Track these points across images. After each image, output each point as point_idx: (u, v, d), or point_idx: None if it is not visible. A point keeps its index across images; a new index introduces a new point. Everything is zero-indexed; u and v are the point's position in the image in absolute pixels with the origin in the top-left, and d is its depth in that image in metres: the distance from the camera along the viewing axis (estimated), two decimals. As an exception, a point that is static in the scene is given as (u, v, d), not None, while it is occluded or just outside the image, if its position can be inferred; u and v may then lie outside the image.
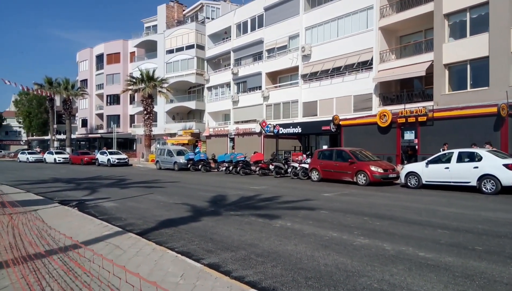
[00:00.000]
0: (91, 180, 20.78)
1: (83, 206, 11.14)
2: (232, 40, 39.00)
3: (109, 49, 54.99)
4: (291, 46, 32.83)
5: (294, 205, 11.05)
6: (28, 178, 22.33)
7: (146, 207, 10.94)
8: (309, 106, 30.83)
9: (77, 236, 6.83)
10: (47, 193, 14.46)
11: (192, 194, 13.80)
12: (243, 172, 22.83)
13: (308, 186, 16.26)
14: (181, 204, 11.35)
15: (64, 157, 41.91)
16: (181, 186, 16.89)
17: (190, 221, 8.68)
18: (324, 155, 18.34)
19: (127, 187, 16.62)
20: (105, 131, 54.27)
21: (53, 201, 11.81)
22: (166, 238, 7.12)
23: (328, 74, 29.30)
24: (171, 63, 45.30)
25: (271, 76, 35.35)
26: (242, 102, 37.68)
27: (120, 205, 11.36)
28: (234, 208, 10.49)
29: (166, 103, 45.55)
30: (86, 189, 15.85)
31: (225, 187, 16.38)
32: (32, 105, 70.67)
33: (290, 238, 6.94)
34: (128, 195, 13.59)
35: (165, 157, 29.87)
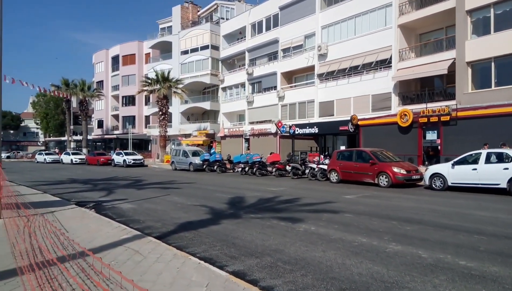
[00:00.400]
0: (108, 180, 20.72)
1: (100, 207, 10.96)
2: (247, 40, 38.74)
3: (124, 50, 55.38)
4: (307, 46, 32.38)
5: (315, 207, 10.65)
6: (45, 178, 22.42)
7: (163, 208, 10.69)
8: (325, 106, 30.33)
9: (94, 239, 6.59)
10: (64, 194, 14.38)
11: (209, 195, 13.52)
12: (259, 173, 22.50)
13: (328, 188, 15.82)
14: (199, 206, 11.07)
15: (81, 157, 42.26)
16: (198, 187, 16.65)
17: (209, 224, 8.37)
18: (343, 155, 17.87)
19: (144, 188, 16.46)
20: (121, 132, 54.65)
21: (70, 202, 11.67)
22: (186, 242, 6.83)
23: (345, 73, 28.77)
24: (186, 64, 45.27)
25: (286, 76, 34.95)
26: (257, 102, 37.37)
27: (137, 206, 11.14)
28: (254, 211, 10.16)
29: (181, 104, 45.57)
30: (103, 190, 15.73)
31: (242, 188, 16.07)
32: (49, 107, 71.77)
33: (316, 244, 6.56)
34: (145, 196, 13.39)
35: (180, 158, 29.75)
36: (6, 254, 5.49)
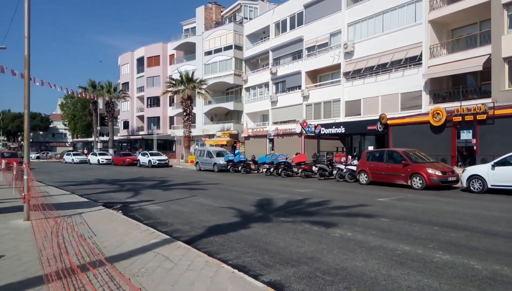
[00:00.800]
0: (134, 181, 20.79)
1: (128, 209, 10.84)
2: (271, 39, 38.37)
3: (149, 52, 56.03)
4: (333, 44, 31.70)
5: (348, 211, 10.17)
6: (73, 179, 22.74)
7: (191, 211, 10.45)
8: (352, 105, 29.59)
9: (123, 243, 6.37)
10: (91, 194, 14.41)
11: (236, 197, 13.23)
12: (284, 174, 22.08)
13: (358, 190, 15.25)
14: (226, 208, 10.78)
15: (107, 158, 42.98)
16: (223, 188, 16.40)
17: (239, 228, 8.05)
18: (373, 156, 17.22)
19: (170, 189, 16.35)
20: (146, 133, 55.32)
21: (97, 204, 11.62)
22: (216, 247, 6.52)
23: (373, 71, 27.97)
24: (209, 65, 45.32)
25: (311, 75, 34.37)
26: (280, 102, 36.93)
27: (164, 208, 10.96)
28: (283, 214, 9.77)
29: (205, 105, 45.69)
30: (129, 191, 15.71)
31: (269, 189, 15.70)
32: (76, 108, 73.57)
33: (355, 252, 6.12)
34: (171, 197, 13.23)
35: (204, 158, 29.68)
36: (33, 260, 5.32)
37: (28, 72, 8.36)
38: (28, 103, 8.40)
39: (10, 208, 10.21)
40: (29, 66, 8.38)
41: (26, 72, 8.35)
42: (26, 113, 8.42)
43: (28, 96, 8.41)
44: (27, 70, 8.35)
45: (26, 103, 8.38)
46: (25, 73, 8.36)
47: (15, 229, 7.44)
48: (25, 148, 8.58)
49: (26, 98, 8.39)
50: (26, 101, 8.38)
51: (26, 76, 8.37)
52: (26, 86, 8.38)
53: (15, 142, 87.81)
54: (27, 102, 8.39)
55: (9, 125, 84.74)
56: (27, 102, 8.39)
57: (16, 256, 5.51)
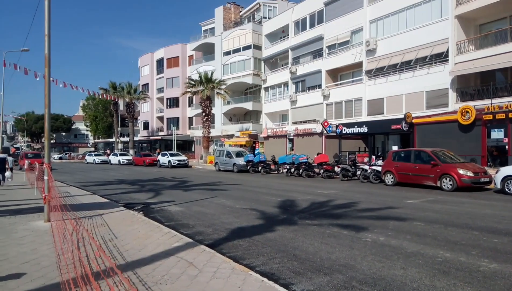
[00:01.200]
0: (154, 181, 20.72)
1: (148, 210, 10.63)
2: (290, 38, 37.88)
3: (168, 53, 56.33)
4: (354, 41, 31.00)
5: (377, 213, 9.67)
6: (94, 179, 22.86)
7: (213, 212, 10.16)
8: (374, 104, 28.84)
9: (144, 247, 6.11)
10: (112, 195, 14.33)
11: (258, 198, 12.87)
12: (305, 174, 21.60)
13: (384, 191, 14.66)
14: (249, 210, 10.44)
15: (128, 158, 43.37)
16: (244, 189, 16.07)
17: (264, 231, 7.69)
18: (400, 156, 16.57)
19: (190, 189, 16.13)
20: (165, 133, 55.64)
21: (118, 204, 11.47)
22: (242, 252, 6.18)
23: (396, 69, 27.16)
24: (228, 65, 45.17)
25: (331, 74, 33.73)
26: (300, 102, 36.41)
27: (185, 209, 10.71)
28: (308, 216, 9.36)
29: (223, 105, 45.56)
30: (150, 191, 15.57)
31: (291, 190, 15.29)
32: (98, 110, 74.83)
33: (392, 259, 5.67)
34: (192, 198, 12.98)
35: (224, 159, 29.47)
36: (51, 264, 5.09)
37: (48, 71, 8.23)
38: (48, 103, 8.27)
39: (31, 208, 10.15)
40: (49, 65, 8.24)
41: (47, 71, 8.22)
42: (46, 113, 8.29)
43: (49, 96, 8.27)
44: (48, 69, 8.22)
45: (46, 102, 8.25)
46: (45, 72, 8.23)
47: (35, 231, 7.29)
48: (46, 148, 8.45)
49: (46, 98, 8.26)
50: (47, 101, 8.25)
51: (47, 75, 8.24)
52: (47, 86, 8.25)
53: (38, 143, 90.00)
54: (48, 101, 8.26)
55: (33, 126, 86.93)
56: (48, 101, 8.26)
57: (35, 260, 5.30)
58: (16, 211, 9.83)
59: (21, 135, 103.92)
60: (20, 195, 13.77)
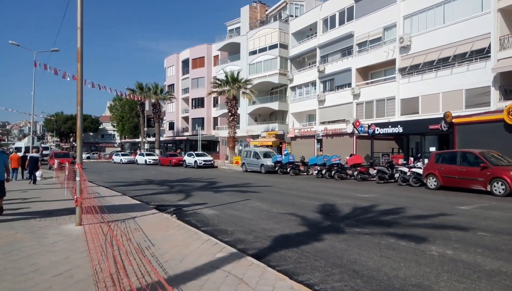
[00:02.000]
0: (182, 182, 20.32)
1: (182, 213, 10.11)
2: (318, 36, 36.95)
3: (194, 54, 56.33)
4: (386, 38, 29.82)
5: (431, 221, 8.78)
6: (122, 179, 22.70)
7: (249, 216, 9.52)
8: (408, 103, 27.60)
9: (185, 257, 5.51)
10: (142, 196, 13.94)
11: (294, 202, 12.16)
12: (338, 176, 20.71)
13: (429, 195, 13.66)
14: (287, 215, 9.75)
15: (154, 158, 43.45)
16: (277, 191, 15.39)
17: (311, 240, 6.98)
18: (444, 158, 15.47)
19: (220, 191, 15.58)
20: (190, 133, 55.66)
21: (149, 206, 11.01)
22: (292, 265, 5.50)
23: (433, 66, 25.87)
24: (254, 64, 44.60)
25: (361, 72, 32.61)
26: (328, 101, 35.44)
27: (220, 212, 10.12)
28: (355, 223, 8.58)
29: (249, 105, 45.02)
30: (179, 192, 15.11)
31: (327, 193, 14.50)
32: (124, 110, 75.83)
33: (472, 278, 4.85)
34: (224, 201, 12.40)
35: (251, 159, 28.87)
36: (87, 278, 4.55)
37: (80, 66, 7.79)
38: (81, 100, 7.83)
39: (62, 210, 9.79)
40: (82, 60, 7.80)
41: (79, 66, 7.78)
42: (79, 110, 7.85)
43: (81, 93, 7.83)
44: (80, 64, 7.78)
45: (79, 99, 7.81)
46: (78, 67, 7.79)
47: (67, 236, 6.84)
48: (78, 147, 8.02)
49: (79, 95, 7.83)
50: (79, 98, 7.81)
51: (79, 70, 7.79)
52: (79, 82, 7.81)
53: (67, 143, 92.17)
54: (80, 98, 7.82)
55: (62, 126, 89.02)
56: (80, 98, 7.82)
57: (68, 271, 4.79)
58: (46, 212, 9.49)
59: (50, 135, 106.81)
60: (50, 195, 13.56)
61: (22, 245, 6.10)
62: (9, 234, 6.92)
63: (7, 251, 5.73)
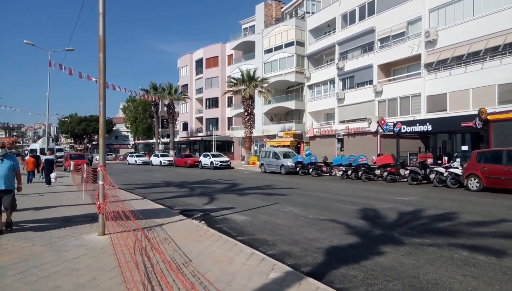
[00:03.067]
0: (202, 184, 19.49)
1: (210, 219, 9.23)
2: (337, 32, 35.82)
3: (208, 53, 55.66)
4: (411, 33, 28.59)
5: (497, 228, 7.73)
6: (140, 181, 22.00)
7: (286, 223, 8.59)
8: (435, 100, 26.34)
9: (233, 277, 4.61)
10: (164, 199, 13.13)
11: (329, 206, 11.19)
12: (365, 177, 19.62)
13: (475, 198, 12.53)
14: (328, 221, 8.79)
15: (169, 159, 42.81)
16: (306, 194, 14.42)
17: (369, 253, 6.02)
18: (487, 157, 14.29)
19: (245, 194, 14.67)
20: (205, 134, 54.98)
21: (174, 211, 10.18)
22: (363, 288, 4.54)
23: (462, 61, 24.59)
24: (270, 63, 43.64)
25: (383, 69, 31.42)
26: (348, 99, 34.29)
27: (252, 218, 9.22)
28: (410, 232, 7.58)
29: (264, 105, 44.06)
30: (202, 195, 14.26)
31: (361, 196, 13.48)
32: (138, 111, 75.60)
33: None
34: (253, 205, 11.49)
35: (270, 160, 27.91)
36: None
37: (103, 56, 6.96)
38: (103, 94, 7.00)
39: (82, 216, 9.01)
40: (105, 49, 6.97)
41: (101, 56, 6.94)
42: (101, 105, 7.02)
43: (103, 85, 7.01)
44: (102, 54, 6.95)
45: (101, 93, 6.98)
46: (100, 57, 6.96)
47: (90, 248, 6.00)
48: (101, 147, 7.20)
49: (101, 88, 7.00)
50: (101, 92, 6.99)
51: (101, 61, 6.96)
52: (101, 73, 6.98)
53: (81, 145, 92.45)
54: (103, 92, 6.99)
55: (76, 128, 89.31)
56: (103, 92, 6.99)
57: (98, 299, 3.92)
58: (64, 219, 8.70)
59: (65, 137, 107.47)
60: (67, 199, 12.84)
61: (41, 261, 5.27)
62: (25, 247, 6.12)
63: (24, 269, 4.90)
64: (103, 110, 7.02)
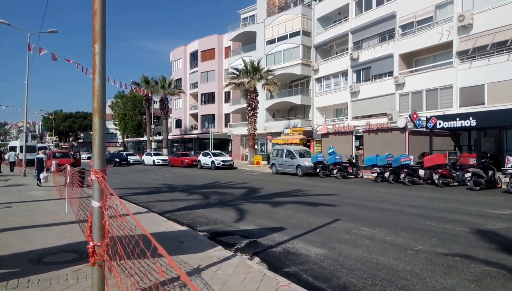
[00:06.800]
0: (212, 188, 16.10)
1: (264, 251, 5.90)
2: (350, 20, 32.68)
3: (203, 45, 52.03)
4: (439, 18, 25.62)
5: None
6: (136, 184, 18.50)
7: (392, 262, 5.31)
8: (470, 92, 23.41)
9: None
10: (175, 212, 9.78)
11: (419, 226, 7.95)
12: (409, 181, 16.47)
13: None
14: (450, 257, 5.55)
15: (163, 158, 39.16)
16: (359, 204, 11.17)
17: None
18: None
19: (278, 203, 11.33)
20: (200, 131, 51.41)
21: (200, 235, 6.84)
22: None
23: (503, 47, 21.68)
24: (272, 55, 40.29)
25: (404, 59, 28.41)
26: (363, 93, 31.21)
27: (330, 252, 5.92)
28: None
29: (266, 100, 40.69)
30: (222, 205, 10.90)
31: (439, 208, 10.31)
32: (127, 108, 71.45)
33: None
34: (303, 222, 8.20)
35: (283, 159, 24.60)
36: None
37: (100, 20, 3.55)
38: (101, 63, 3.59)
39: (63, 250, 5.59)
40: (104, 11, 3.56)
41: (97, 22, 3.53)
42: (96, 79, 3.61)
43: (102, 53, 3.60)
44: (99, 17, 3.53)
45: (96, 63, 3.57)
46: (95, 24, 3.55)
47: None
48: (97, 137, 3.81)
49: (96, 57, 3.59)
50: (97, 60, 3.57)
51: (97, 29, 3.55)
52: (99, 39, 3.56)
53: (66, 142, 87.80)
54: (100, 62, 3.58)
55: (60, 125, 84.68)
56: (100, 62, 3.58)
57: None
58: (34, 258, 5.27)
59: (49, 134, 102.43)
60: (43, 212, 9.37)
61: None
62: None
63: None
64: (101, 86, 3.63)
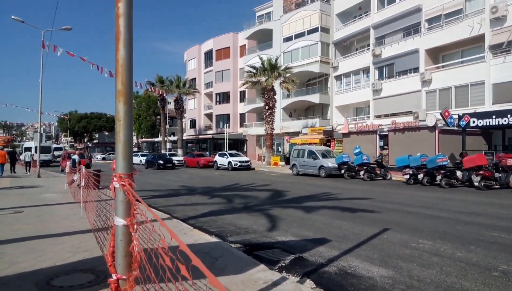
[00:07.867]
0: (234, 191, 15.14)
1: (316, 272, 4.88)
2: (372, 15, 31.39)
3: (218, 44, 51.21)
4: (469, 10, 24.24)
5: None
6: (153, 186, 17.67)
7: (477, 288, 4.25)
8: (505, 88, 21.97)
9: None
10: (198, 218, 8.85)
11: (486, 238, 6.84)
12: (446, 183, 15.23)
13: None
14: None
15: (178, 159, 38.35)
16: (403, 210, 10.06)
17: None
18: None
19: (310, 209, 10.29)
20: (215, 131, 50.59)
21: (233, 247, 5.85)
22: None
23: (543, 40, 20.25)
24: (289, 52, 39.19)
25: (431, 54, 27.04)
26: (386, 90, 29.89)
27: (397, 274, 4.88)
28: None
29: (283, 99, 39.61)
30: (249, 210, 9.90)
31: (497, 216, 9.15)
32: (141, 108, 71.17)
33: None
34: (348, 232, 7.16)
35: (305, 160, 23.51)
36: None
37: None
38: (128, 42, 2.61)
39: (76, 268, 4.64)
40: None
41: None
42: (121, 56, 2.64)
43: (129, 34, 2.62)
44: None
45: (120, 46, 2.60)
46: None
47: None
48: (121, 129, 2.83)
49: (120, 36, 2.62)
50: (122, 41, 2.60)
51: None
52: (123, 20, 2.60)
53: (81, 143, 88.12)
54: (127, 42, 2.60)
55: (75, 126, 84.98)
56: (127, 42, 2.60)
57: None
58: (41, 279, 4.34)
59: (64, 135, 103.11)
60: (56, 218, 8.53)
61: None
62: None
63: None
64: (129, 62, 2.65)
